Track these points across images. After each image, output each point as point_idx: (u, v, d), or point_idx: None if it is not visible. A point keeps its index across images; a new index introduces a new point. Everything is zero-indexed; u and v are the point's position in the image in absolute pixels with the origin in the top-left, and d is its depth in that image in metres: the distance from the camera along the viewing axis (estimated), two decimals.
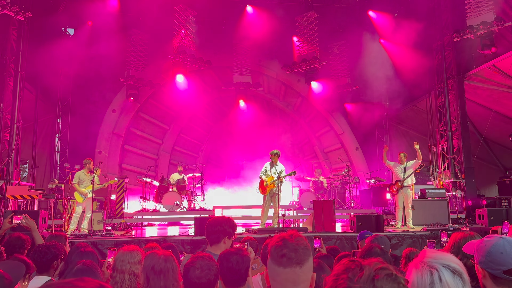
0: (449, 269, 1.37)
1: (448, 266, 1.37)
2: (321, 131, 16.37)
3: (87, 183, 8.98)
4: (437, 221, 9.84)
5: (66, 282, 0.90)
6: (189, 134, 15.78)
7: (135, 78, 14.09)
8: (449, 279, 1.35)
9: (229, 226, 3.03)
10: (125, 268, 2.89)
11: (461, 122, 12.26)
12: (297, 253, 1.54)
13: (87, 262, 2.83)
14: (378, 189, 12.70)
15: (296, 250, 1.55)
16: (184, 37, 13.65)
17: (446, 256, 1.42)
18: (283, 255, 1.54)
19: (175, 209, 11.61)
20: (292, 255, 1.54)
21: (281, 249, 1.55)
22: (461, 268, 1.39)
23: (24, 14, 10.77)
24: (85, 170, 9.08)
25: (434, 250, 1.48)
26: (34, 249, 3.40)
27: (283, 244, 1.56)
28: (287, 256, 1.53)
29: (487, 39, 10.88)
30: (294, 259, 1.53)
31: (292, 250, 1.54)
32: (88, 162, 9.13)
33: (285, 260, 1.53)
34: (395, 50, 13.68)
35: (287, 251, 1.54)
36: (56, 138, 14.19)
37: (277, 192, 8.93)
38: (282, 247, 1.55)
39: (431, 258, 1.40)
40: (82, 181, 8.96)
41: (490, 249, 1.84)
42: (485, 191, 14.08)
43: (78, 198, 8.88)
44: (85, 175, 9.02)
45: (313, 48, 14.13)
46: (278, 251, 1.55)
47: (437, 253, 1.44)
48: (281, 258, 1.53)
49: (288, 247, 1.55)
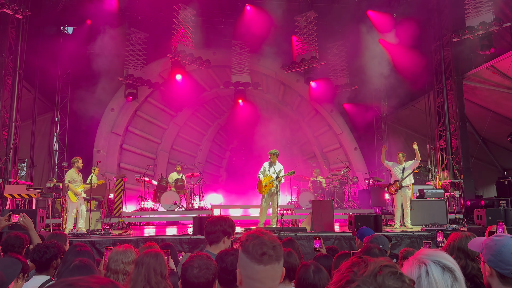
0: (439, 265, 1.36)
1: (439, 263, 1.37)
2: (320, 131, 16.36)
3: (78, 182, 8.90)
4: (435, 221, 9.85)
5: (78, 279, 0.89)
6: (188, 133, 15.76)
7: (134, 77, 14.07)
8: (437, 274, 1.34)
9: (228, 225, 3.02)
10: (119, 268, 2.87)
11: (460, 123, 12.27)
12: (276, 250, 1.58)
13: (84, 260, 2.82)
14: (377, 189, 12.70)
15: (275, 247, 1.58)
16: (183, 36, 13.63)
17: (439, 253, 1.43)
18: (264, 253, 1.55)
19: (173, 209, 11.59)
20: (272, 252, 1.56)
21: (260, 247, 1.56)
22: (453, 265, 1.38)
23: (22, 12, 10.74)
24: (75, 168, 8.95)
25: (429, 249, 1.48)
26: (34, 248, 3.39)
27: (260, 242, 1.58)
28: (268, 254, 1.55)
29: (486, 40, 10.91)
30: (274, 256, 1.56)
31: (271, 248, 1.57)
32: (76, 161, 8.98)
33: (266, 258, 1.55)
34: (394, 50, 13.68)
35: (266, 249, 1.56)
36: (54, 137, 14.15)
37: (276, 192, 8.92)
38: (261, 245, 1.57)
39: (423, 255, 1.41)
40: (74, 180, 8.87)
41: (501, 248, 1.84)
42: (484, 191, 14.10)
43: (72, 197, 8.81)
44: (76, 174, 8.92)
45: (312, 48, 14.14)
46: (258, 250, 1.56)
47: (431, 250, 1.45)
48: (262, 256, 1.55)
49: (267, 245, 1.57)
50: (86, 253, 3.40)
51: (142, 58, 14.39)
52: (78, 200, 8.87)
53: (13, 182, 10.60)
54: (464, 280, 1.39)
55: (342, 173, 13.19)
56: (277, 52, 14.32)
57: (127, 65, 14.11)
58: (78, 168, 8.96)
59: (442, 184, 12.31)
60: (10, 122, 11.13)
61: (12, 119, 11.14)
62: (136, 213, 11.75)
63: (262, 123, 15.00)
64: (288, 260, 2.91)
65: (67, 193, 8.89)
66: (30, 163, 12.90)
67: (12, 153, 11.03)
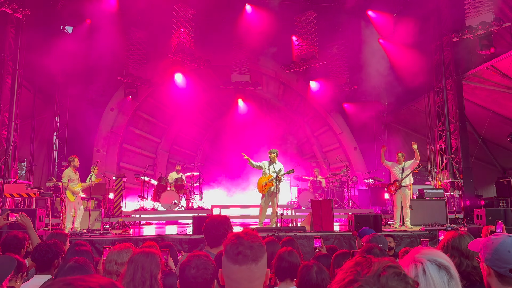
0: (434, 264, 1.37)
1: (435, 261, 1.38)
2: (320, 130, 16.36)
3: (75, 181, 8.88)
4: (435, 221, 9.84)
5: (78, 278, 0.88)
6: (188, 133, 15.75)
7: (134, 76, 14.06)
8: (433, 273, 1.35)
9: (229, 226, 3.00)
10: (112, 270, 2.83)
11: (460, 122, 12.27)
12: (253, 250, 1.55)
13: (80, 260, 2.81)
14: (377, 189, 12.70)
15: (252, 247, 1.56)
16: (183, 36, 13.62)
17: (434, 252, 1.43)
18: (239, 252, 1.54)
19: (173, 208, 11.59)
20: (248, 252, 1.54)
21: (237, 247, 1.55)
22: (448, 263, 1.39)
23: (22, 11, 10.72)
24: (71, 167, 8.91)
25: (423, 247, 1.49)
26: (35, 248, 3.38)
27: (238, 242, 1.57)
28: (243, 253, 1.54)
29: (486, 40, 10.89)
30: (249, 256, 1.54)
31: (247, 248, 1.55)
32: (72, 159, 8.93)
33: (240, 258, 1.53)
34: (394, 50, 13.68)
35: (242, 249, 1.54)
36: (54, 136, 14.15)
37: (276, 191, 8.91)
38: (238, 244, 1.56)
39: (418, 254, 1.42)
40: (71, 179, 8.84)
41: (498, 247, 1.84)
42: (483, 191, 14.09)
43: (70, 197, 8.77)
44: (73, 173, 8.89)
45: (312, 48, 14.13)
46: (234, 249, 1.55)
47: (425, 249, 1.45)
48: (237, 255, 1.54)
49: (243, 245, 1.55)
50: (85, 253, 3.40)
51: (142, 58, 14.38)
52: (76, 199, 8.85)
53: (12, 181, 10.59)
54: (459, 277, 1.40)
55: (341, 172, 13.19)
56: (277, 52, 14.33)
57: (127, 64, 14.10)
58: (74, 167, 8.90)
59: (442, 183, 12.31)
60: (10, 121, 11.12)
61: (11, 118, 11.12)
62: (135, 212, 11.74)
63: (262, 122, 15.00)
64: (290, 260, 2.90)
65: (65, 193, 8.88)
66: (29, 162, 12.88)
67: (11, 152, 11.01)
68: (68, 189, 8.76)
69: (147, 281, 2.42)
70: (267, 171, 9.07)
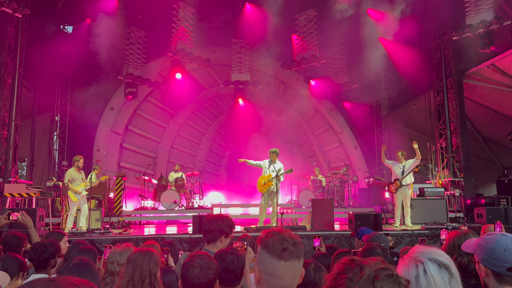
0: (435, 263, 1.36)
1: (435, 260, 1.37)
2: (320, 129, 16.34)
3: (78, 181, 8.88)
4: (435, 220, 9.84)
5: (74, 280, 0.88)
6: (188, 132, 15.74)
7: (134, 76, 14.05)
8: (434, 272, 1.34)
9: (226, 225, 2.99)
10: (114, 270, 2.84)
11: (460, 121, 12.25)
12: (296, 247, 1.55)
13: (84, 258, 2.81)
14: (377, 188, 12.68)
15: (296, 244, 1.56)
16: (183, 35, 13.61)
17: (434, 250, 1.42)
18: (285, 249, 1.53)
19: (173, 208, 11.58)
20: (293, 248, 1.54)
21: (282, 243, 1.54)
22: (448, 262, 1.38)
23: (22, 11, 10.72)
24: (75, 167, 8.94)
25: (423, 246, 1.48)
26: (32, 247, 3.38)
27: (281, 238, 1.56)
28: (289, 250, 1.53)
29: (486, 38, 10.87)
30: (295, 253, 1.54)
31: (291, 244, 1.54)
32: (77, 160, 8.97)
33: (287, 254, 1.52)
34: (394, 49, 13.65)
35: (288, 245, 1.54)
36: (54, 136, 14.14)
37: (276, 191, 8.91)
38: (282, 241, 1.55)
39: (418, 253, 1.41)
40: (74, 179, 8.84)
41: (493, 246, 1.83)
42: (484, 190, 14.09)
43: (72, 197, 8.80)
44: (76, 173, 8.89)
45: (312, 46, 14.12)
46: (279, 245, 1.54)
47: (425, 248, 1.44)
48: (283, 252, 1.52)
49: (288, 241, 1.55)
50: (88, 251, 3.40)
51: (142, 57, 14.38)
52: (79, 199, 8.86)
53: (13, 181, 10.60)
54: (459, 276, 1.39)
55: (342, 171, 13.17)
56: (277, 51, 14.29)
57: (127, 64, 14.09)
58: (78, 167, 8.94)
59: (443, 182, 12.30)
60: (10, 121, 11.12)
61: (12, 118, 11.12)
62: (136, 212, 11.74)
63: (262, 121, 14.99)
64: None
65: (67, 193, 8.90)
66: (30, 162, 12.89)
67: (12, 152, 11.02)
68: (70, 189, 8.77)
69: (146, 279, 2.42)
70: (267, 170, 9.07)
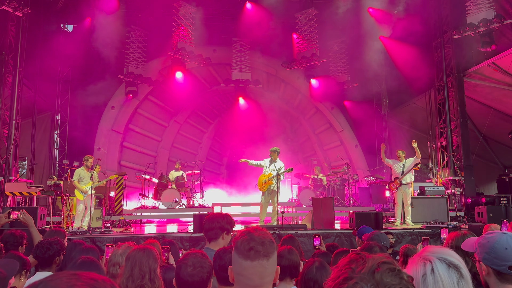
0: (444, 262, 1.35)
1: (444, 260, 1.36)
2: (321, 128, 16.34)
3: (86, 180, 8.93)
4: (436, 218, 9.84)
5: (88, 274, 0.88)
6: (188, 131, 15.75)
7: (134, 74, 14.05)
8: (442, 272, 1.34)
9: (226, 222, 3.00)
10: (116, 273, 2.84)
11: (461, 120, 12.25)
12: (264, 246, 1.56)
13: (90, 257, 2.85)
14: (377, 187, 12.68)
15: (263, 243, 1.56)
16: (183, 34, 13.60)
17: (445, 250, 1.42)
18: (251, 248, 1.54)
19: (174, 206, 11.59)
20: (259, 248, 1.55)
21: (248, 243, 1.56)
22: (459, 262, 1.37)
23: (22, 10, 10.72)
24: (84, 167, 9.03)
25: (434, 246, 1.47)
26: (37, 245, 3.42)
27: (249, 237, 1.57)
28: (255, 249, 1.54)
29: (487, 37, 10.86)
30: (261, 252, 1.55)
31: (259, 243, 1.56)
32: (86, 159, 9.05)
33: (252, 253, 1.54)
34: (394, 47, 13.64)
35: (254, 244, 1.55)
36: (54, 134, 14.15)
37: (276, 189, 8.91)
38: (249, 240, 1.56)
39: (429, 252, 1.41)
40: (82, 178, 8.92)
41: (494, 245, 1.83)
42: (484, 189, 14.09)
43: (79, 195, 8.86)
44: (85, 172, 8.97)
45: (313, 45, 14.10)
46: (245, 245, 1.56)
47: (436, 247, 1.44)
48: (249, 251, 1.54)
49: (255, 241, 1.56)
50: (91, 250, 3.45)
51: (142, 56, 14.37)
52: (85, 198, 8.89)
53: (13, 180, 10.62)
54: (470, 277, 1.38)
55: (342, 170, 13.17)
56: (278, 50, 14.28)
57: (127, 62, 14.09)
58: (87, 166, 9.02)
59: (443, 181, 12.30)
60: (11, 120, 11.13)
61: (12, 117, 11.13)
62: (136, 210, 11.75)
63: (262, 120, 14.99)
64: (290, 258, 2.90)
65: (74, 192, 8.99)
66: (30, 161, 12.91)
67: (12, 151, 11.03)
68: (77, 188, 8.83)
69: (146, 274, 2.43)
70: (268, 169, 9.07)
